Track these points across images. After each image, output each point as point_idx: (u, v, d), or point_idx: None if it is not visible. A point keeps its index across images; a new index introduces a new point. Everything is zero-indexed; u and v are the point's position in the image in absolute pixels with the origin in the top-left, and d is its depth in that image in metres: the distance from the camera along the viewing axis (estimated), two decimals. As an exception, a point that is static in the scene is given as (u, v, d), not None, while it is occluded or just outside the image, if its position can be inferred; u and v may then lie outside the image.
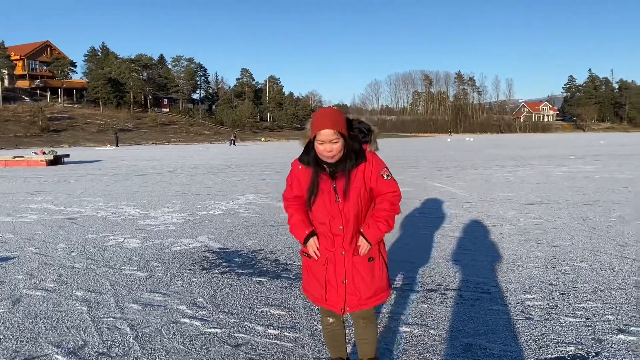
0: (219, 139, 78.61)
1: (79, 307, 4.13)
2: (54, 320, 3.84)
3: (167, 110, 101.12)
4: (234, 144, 57.55)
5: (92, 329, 3.65)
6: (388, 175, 2.61)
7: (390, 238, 6.35)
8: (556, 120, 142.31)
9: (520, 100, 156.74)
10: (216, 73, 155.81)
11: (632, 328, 3.51)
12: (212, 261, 5.61)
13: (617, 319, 3.70)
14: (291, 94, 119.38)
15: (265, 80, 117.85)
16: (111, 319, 3.86)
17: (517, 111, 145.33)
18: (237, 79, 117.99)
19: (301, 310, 4.00)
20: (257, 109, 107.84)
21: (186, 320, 3.83)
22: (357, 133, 2.60)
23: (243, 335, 3.53)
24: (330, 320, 2.77)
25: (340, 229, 2.54)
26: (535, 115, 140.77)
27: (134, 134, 75.35)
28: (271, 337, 3.49)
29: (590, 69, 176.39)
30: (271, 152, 38.62)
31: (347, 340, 2.97)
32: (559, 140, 59.38)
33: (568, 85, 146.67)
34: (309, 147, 2.58)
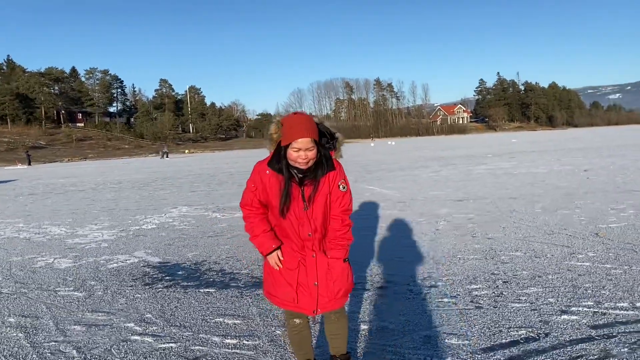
0: (139, 152, 75.89)
1: (14, 334, 3.83)
2: (-12, 350, 3.54)
3: (82, 125, 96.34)
4: (167, 157, 55.58)
5: (34, 356, 3.40)
6: (344, 187, 2.62)
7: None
8: (470, 121, 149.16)
9: (436, 104, 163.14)
10: (133, 84, 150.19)
11: (573, 308, 3.74)
12: (154, 276, 5.40)
13: (557, 301, 3.92)
14: (213, 104, 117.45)
15: (186, 91, 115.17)
16: (53, 343, 3.61)
17: (433, 114, 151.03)
18: (156, 90, 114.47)
19: (257, 318, 3.93)
20: (179, 121, 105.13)
21: (137, 337, 3.65)
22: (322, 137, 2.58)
23: (200, 347, 3.41)
24: (297, 321, 2.73)
25: (309, 235, 2.55)
26: (450, 118, 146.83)
27: (47, 151, 71.18)
28: (230, 346, 3.40)
29: (498, 72, 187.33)
30: (197, 163, 37.79)
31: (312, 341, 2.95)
32: (475, 140, 62.28)
33: (479, 88, 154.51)
34: (279, 153, 2.53)
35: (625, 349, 3.00)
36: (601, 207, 7.99)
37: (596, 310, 3.67)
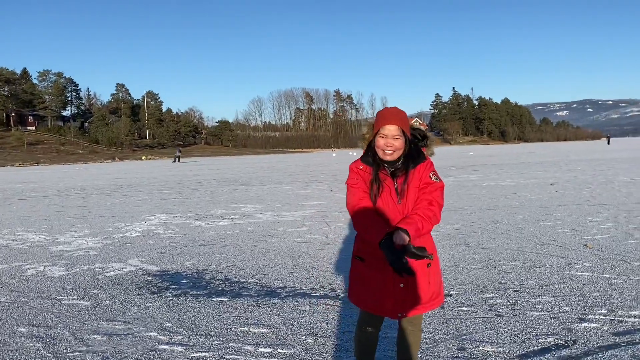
0: (95, 158, 73.79)
1: (31, 344, 3.68)
2: (7, 362, 3.39)
3: (34, 128, 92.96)
4: (179, 160, 53.62)
5: (61, 367, 3.28)
6: (436, 178, 2.60)
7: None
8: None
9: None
10: (88, 88, 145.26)
11: (590, 316, 3.89)
12: (158, 284, 5.28)
13: (572, 309, 4.07)
14: (170, 110, 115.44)
15: (143, 96, 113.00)
16: (77, 353, 3.49)
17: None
18: (112, 95, 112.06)
19: (282, 327, 3.91)
20: (136, 126, 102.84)
21: (165, 346, 3.57)
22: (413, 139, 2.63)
23: (235, 356, 3.37)
24: (370, 329, 2.71)
25: None
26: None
27: (-5, 154, 68.28)
28: (265, 355, 3.37)
29: (453, 87, 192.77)
30: (158, 170, 37.07)
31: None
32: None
33: (435, 102, 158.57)
34: (370, 149, 2.60)
35: (654, 355, 3.16)
36: (579, 220, 8.32)
37: (612, 318, 3.84)
